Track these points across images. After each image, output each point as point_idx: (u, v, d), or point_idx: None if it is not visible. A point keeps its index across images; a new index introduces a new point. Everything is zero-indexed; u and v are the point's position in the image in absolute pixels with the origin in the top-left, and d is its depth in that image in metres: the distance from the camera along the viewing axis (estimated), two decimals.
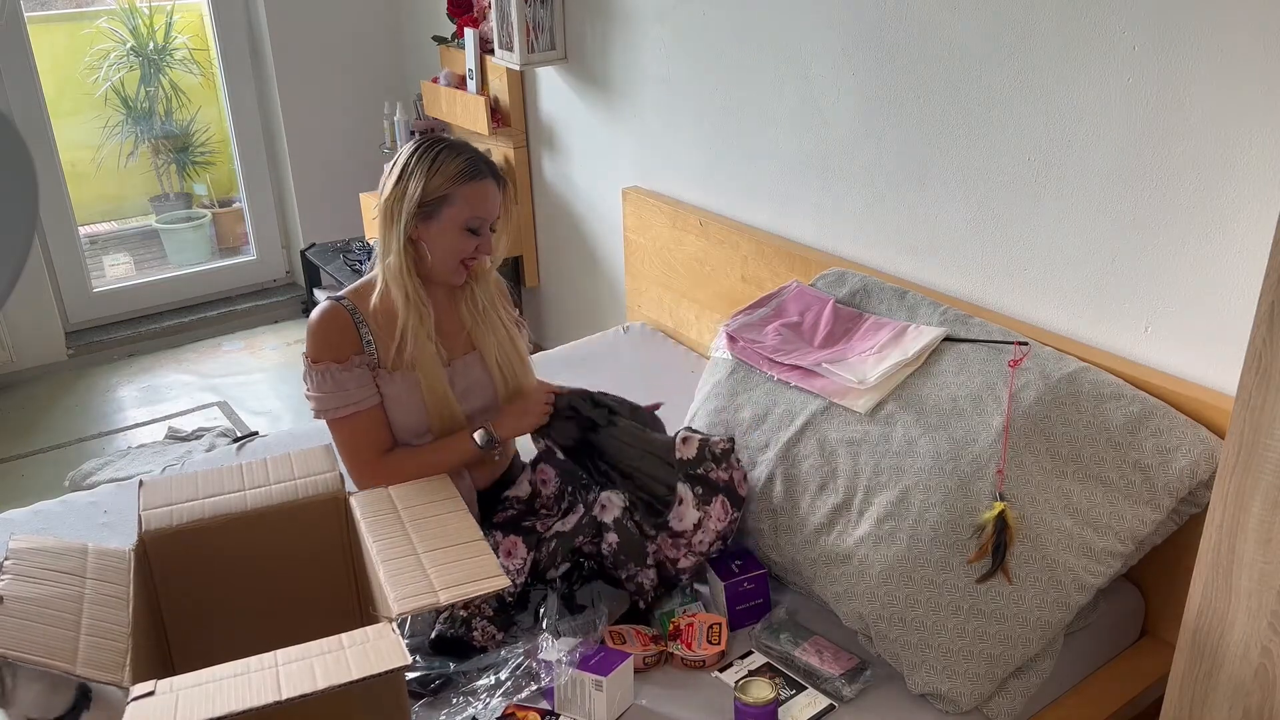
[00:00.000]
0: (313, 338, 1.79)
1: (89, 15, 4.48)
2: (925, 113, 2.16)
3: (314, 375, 1.78)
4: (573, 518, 1.82)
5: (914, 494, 1.70)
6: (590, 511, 1.81)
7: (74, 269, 4.04)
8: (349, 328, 1.80)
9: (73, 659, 1.26)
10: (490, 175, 1.82)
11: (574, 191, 3.39)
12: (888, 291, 2.17)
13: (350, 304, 1.82)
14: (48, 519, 2.21)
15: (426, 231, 1.79)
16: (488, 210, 1.81)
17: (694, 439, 1.85)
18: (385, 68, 4.23)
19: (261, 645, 1.31)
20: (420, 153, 1.79)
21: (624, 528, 1.77)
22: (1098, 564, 1.66)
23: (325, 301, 1.83)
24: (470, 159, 1.80)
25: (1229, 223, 1.72)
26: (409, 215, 1.77)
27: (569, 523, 1.81)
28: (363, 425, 1.78)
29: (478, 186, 1.79)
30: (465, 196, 1.78)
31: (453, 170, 1.77)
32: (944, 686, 1.61)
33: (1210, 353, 1.81)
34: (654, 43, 2.84)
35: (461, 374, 1.87)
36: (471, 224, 1.80)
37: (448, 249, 1.80)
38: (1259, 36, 1.61)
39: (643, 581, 1.79)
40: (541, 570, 1.79)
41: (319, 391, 1.78)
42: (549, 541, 1.80)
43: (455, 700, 1.56)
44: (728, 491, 1.83)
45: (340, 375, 1.77)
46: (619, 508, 1.79)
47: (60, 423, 3.64)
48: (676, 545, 1.80)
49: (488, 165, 1.83)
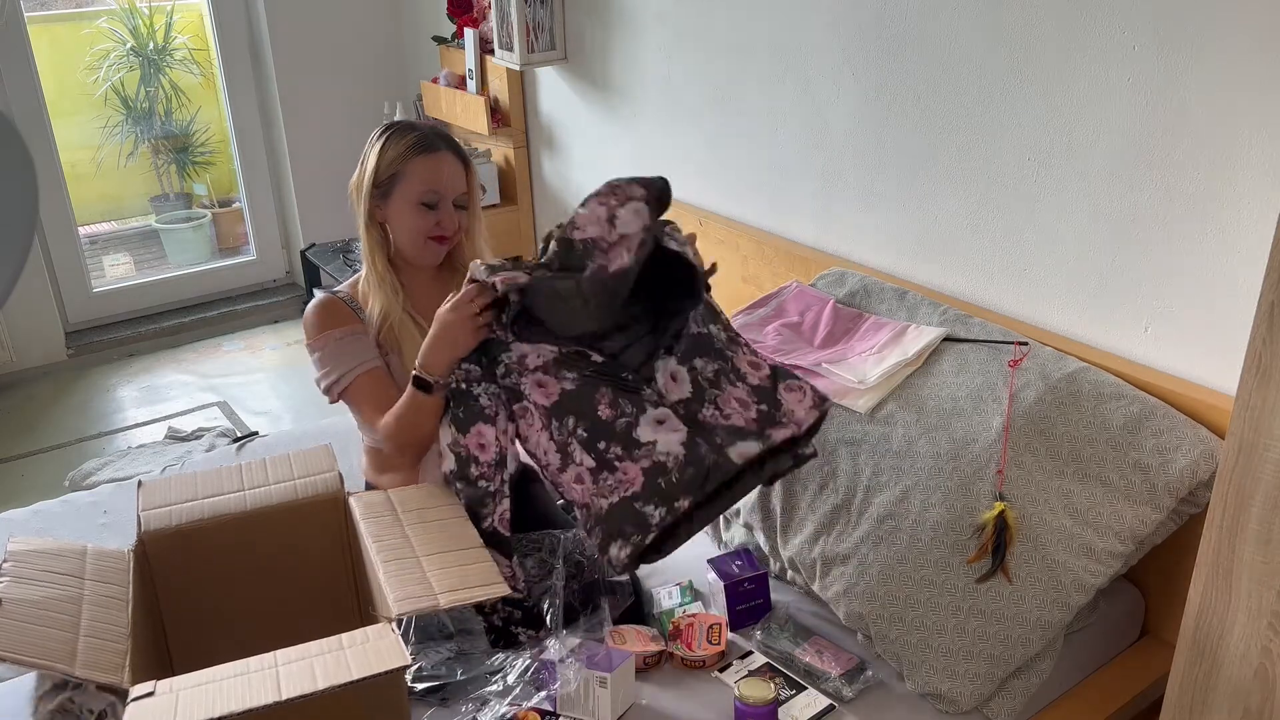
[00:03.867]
0: (310, 324, 1.83)
1: (89, 15, 4.48)
2: (925, 112, 2.16)
3: (317, 354, 1.81)
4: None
5: (914, 494, 1.70)
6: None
7: (74, 269, 4.04)
8: (340, 308, 1.85)
9: (72, 661, 1.26)
10: (446, 148, 1.82)
11: (574, 191, 3.39)
12: (888, 291, 2.17)
13: (343, 293, 1.88)
14: (48, 519, 2.21)
15: (387, 211, 1.83)
16: (439, 183, 1.81)
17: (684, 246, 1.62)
18: (385, 68, 4.23)
19: (261, 646, 1.30)
20: (376, 134, 1.83)
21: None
22: (1098, 564, 1.66)
23: (318, 295, 1.89)
24: (421, 134, 1.82)
25: (1229, 223, 1.72)
26: (368, 196, 1.81)
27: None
28: (370, 383, 1.80)
29: (428, 159, 1.80)
30: (416, 170, 1.80)
31: (403, 146, 1.80)
32: (944, 686, 1.61)
33: (1210, 353, 1.81)
34: (654, 43, 2.84)
35: None
36: (426, 198, 1.81)
37: (408, 227, 1.83)
38: (1259, 36, 1.61)
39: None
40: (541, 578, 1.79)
41: (325, 366, 1.80)
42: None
43: (464, 707, 1.56)
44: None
45: (342, 340, 1.80)
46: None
47: (60, 423, 3.64)
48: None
49: (443, 139, 1.83)
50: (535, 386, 1.62)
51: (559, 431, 1.61)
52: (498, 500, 1.65)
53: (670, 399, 1.64)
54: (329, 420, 2.73)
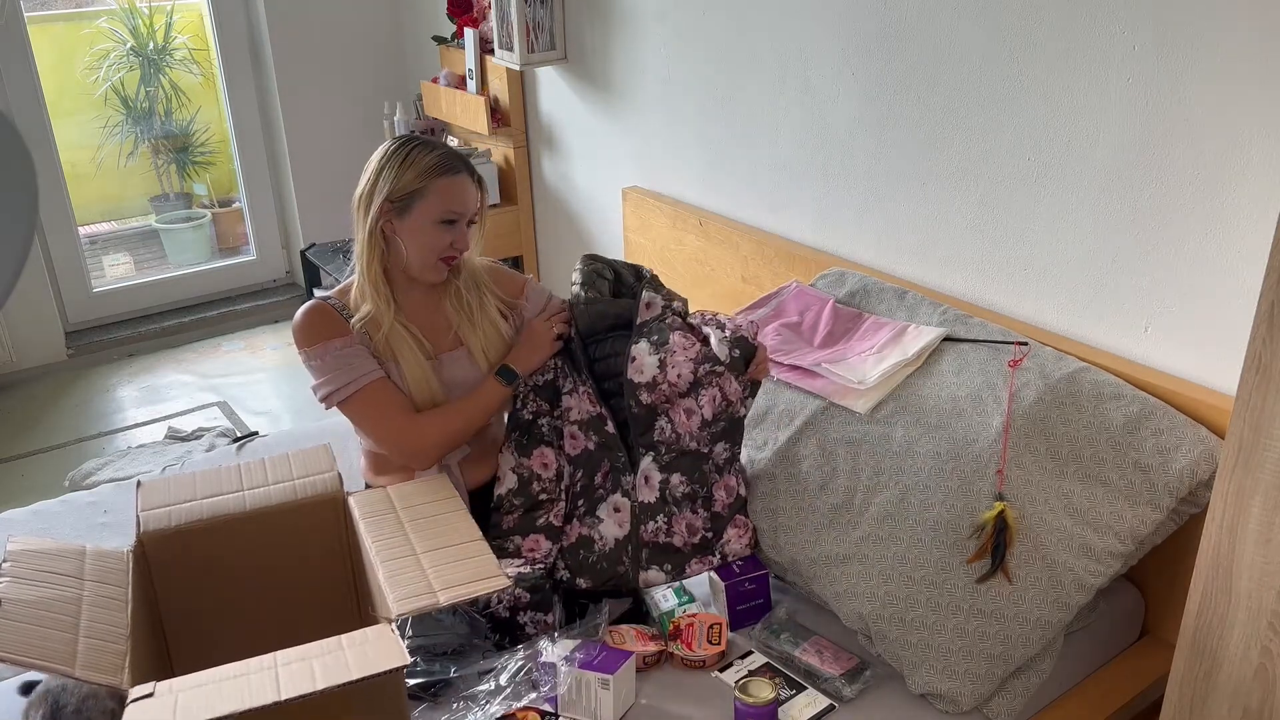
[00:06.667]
0: (301, 330, 1.82)
1: (89, 15, 4.47)
2: (925, 112, 2.16)
3: (314, 361, 1.80)
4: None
5: (914, 494, 1.70)
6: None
7: (74, 269, 4.03)
8: (334, 315, 1.83)
9: (71, 661, 1.26)
10: (465, 170, 1.83)
11: (574, 191, 3.39)
12: (888, 291, 2.17)
13: (334, 300, 1.86)
14: (47, 519, 2.21)
15: (401, 227, 1.81)
16: (462, 204, 1.82)
17: (656, 301, 1.85)
18: (385, 68, 4.23)
19: (261, 646, 1.31)
20: (393, 149, 1.82)
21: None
22: (1098, 564, 1.66)
23: (308, 302, 1.88)
24: (444, 154, 1.82)
25: (1229, 222, 1.72)
26: (380, 211, 1.80)
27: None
28: (380, 393, 1.80)
29: (451, 181, 1.81)
30: (438, 191, 1.80)
31: (425, 164, 1.80)
32: (944, 686, 1.61)
33: (1210, 353, 1.81)
34: (654, 43, 2.84)
35: (448, 367, 1.88)
36: (446, 218, 1.81)
37: (423, 244, 1.82)
38: (1259, 36, 1.61)
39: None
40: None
41: (324, 375, 1.79)
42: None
43: (456, 705, 1.56)
44: (686, 328, 1.83)
45: (342, 351, 1.79)
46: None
47: (60, 423, 3.64)
48: (663, 401, 1.79)
49: (462, 161, 1.84)
50: (569, 437, 1.86)
51: (568, 477, 1.87)
52: (554, 504, 1.86)
53: (636, 498, 1.82)
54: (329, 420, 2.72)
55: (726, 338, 1.82)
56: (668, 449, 1.81)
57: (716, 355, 1.80)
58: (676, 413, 1.80)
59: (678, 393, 1.79)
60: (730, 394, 1.82)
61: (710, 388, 1.80)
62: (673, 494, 1.81)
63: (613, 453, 1.83)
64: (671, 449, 1.81)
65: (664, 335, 1.80)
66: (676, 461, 1.81)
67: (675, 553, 1.82)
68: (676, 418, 1.80)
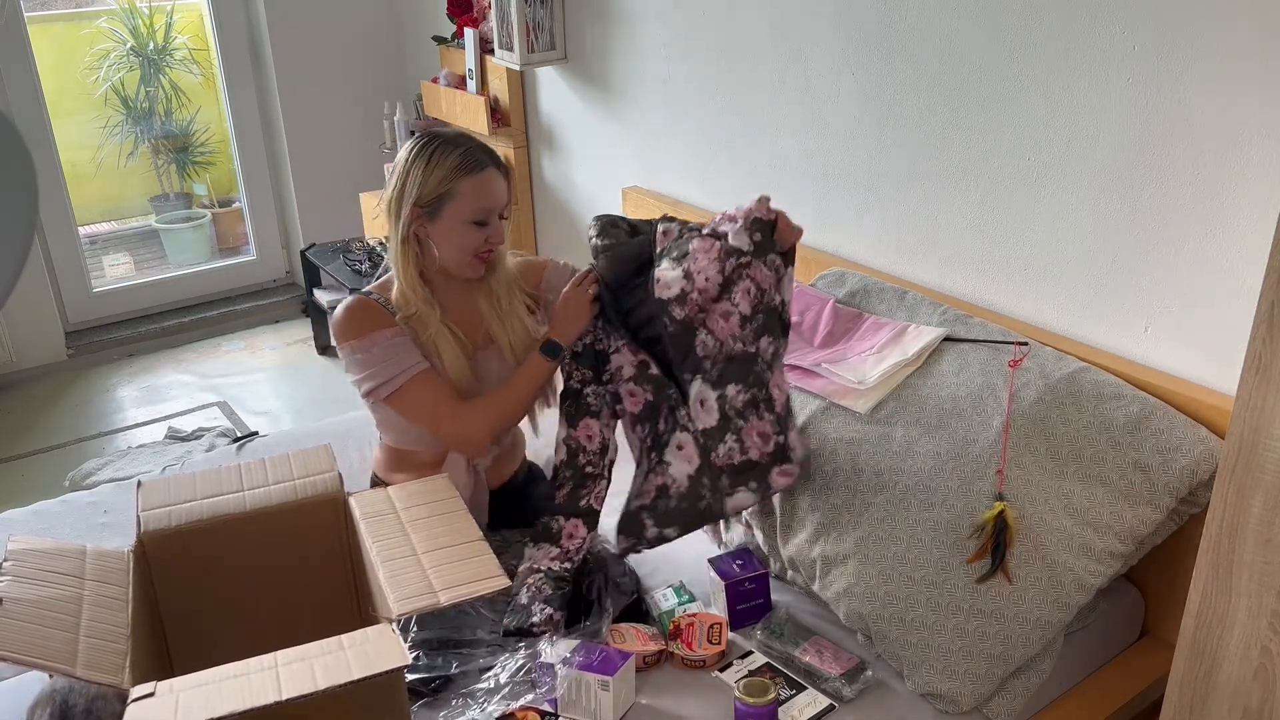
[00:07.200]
0: (346, 324, 1.80)
1: (89, 15, 4.48)
2: (925, 112, 2.16)
3: (360, 354, 1.78)
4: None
5: (914, 494, 1.70)
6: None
7: (74, 269, 4.04)
8: (378, 309, 1.82)
9: (72, 661, 1.26)
10: (491, 164, 1.81)
11: (574, 191, 3.40)
12: (888, 291, 2.17)
13: (376, 295, 1.85)
14: (47, 519, 2.21)
15: (433, 230, 1.79)
16: (492, 200, 1.80)
17: (673, 228, 1.80)
18: (385, 68, 4.24)
19: (261, 646, 1.30)
20: (416, 151, 1.78)
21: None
22: (1098, 564, 1.66)
23: (349, 297, 1.85)
24: (466, 151, 1.78)
25: (1229, 222, 1.72)
26: (410, 216, 1.78)
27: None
28: (429, 381, 1.79)
29: (478, 179, 1.78)
30: (466, 191, 1.77)
31: (449, 166, 1.76)
32: (944, 686, 1.61)
33: (1210, 353, 1.81)
34: (654, 43, 2.84)
35: (482, 364, 1.88)
36: (477, 217, 1.79)
37: (457, 245, 1.80)
38: (1259, 37, 1.61)
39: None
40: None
41: (370, 368, 1.77)
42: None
43: (455, 701, 1.56)
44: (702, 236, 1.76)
45: (391, 341, 1.78)
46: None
47: (60, 423, 3.64)
48: (697, 313, 1.72)
49: (487, 154, 1.81)
50: (628, 395, 1.82)
51: (641, 436, 1.83)
52: (596, 481, 1.86)
53: (696, 426, 1.75)
54: (329, 420, 2.73)
55: (742, 226, 1.72)
56: (713, 363, 1.73)
57: (738, 247, 1.71)
58: (714, 320, 1.72)
59: (710, 298, 1.71)
60: (763, 282, 1.72)
61: (742, 280, 1.71)
62: (733, 406, 1.72)
63: (664, 391, 1.77)
64: (717, 361, 1.73)
65: (682, 248, 1.74)
66: (727, 371, 1.72)
67: (754, 467, 1.73)
68: (715, 325, 1.72)
